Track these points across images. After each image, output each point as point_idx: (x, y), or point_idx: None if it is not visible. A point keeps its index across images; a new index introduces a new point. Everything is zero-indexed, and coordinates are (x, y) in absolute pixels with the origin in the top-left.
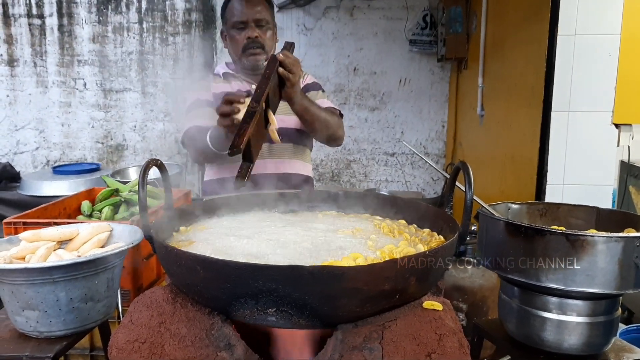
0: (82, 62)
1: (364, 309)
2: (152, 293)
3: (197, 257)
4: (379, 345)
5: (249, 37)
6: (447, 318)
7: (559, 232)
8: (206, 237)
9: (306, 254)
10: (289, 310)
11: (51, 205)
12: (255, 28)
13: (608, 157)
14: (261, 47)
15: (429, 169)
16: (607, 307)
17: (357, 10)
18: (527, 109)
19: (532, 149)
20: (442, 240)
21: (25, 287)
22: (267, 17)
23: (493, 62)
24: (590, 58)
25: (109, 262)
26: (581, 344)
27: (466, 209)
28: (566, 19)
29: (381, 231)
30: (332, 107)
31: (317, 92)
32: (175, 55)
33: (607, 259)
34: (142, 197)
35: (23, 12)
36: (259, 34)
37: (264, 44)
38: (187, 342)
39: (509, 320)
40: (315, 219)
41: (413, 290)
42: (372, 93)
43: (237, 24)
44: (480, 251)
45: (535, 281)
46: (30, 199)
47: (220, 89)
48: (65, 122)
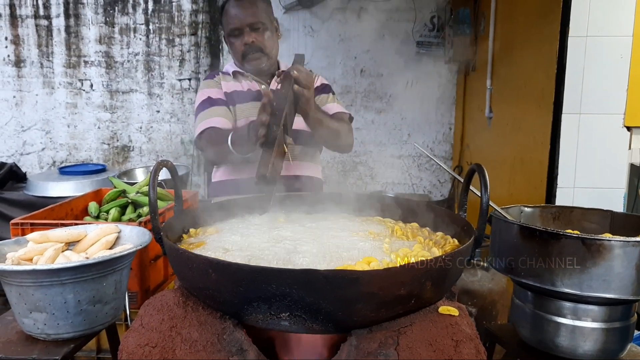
0: (88, 63)
1: (379, 314)
2: (162, 296)
3: (209, 260)
4: (394, 351)
5: (245, 43)
6: (464, 324)
7: (575, 236)
8: (216, 240)
9: (320, 257)
10: (303, 315)
11: (58, 206)
12: (251, 33)
13: (619, 160)
14: (260, 50)
15: (436, 171)
16: (623, 313)
17: (364, 11)
18: (537, 111)
19: (542, 151)
20: (457, 244)
21: (33, 288)
22: (263, 18)
23: (502, 64)
24: (602, 60)
25: (118, 264)
26: (596, 350)
27: (482, 213)
28: (577, 20)
29: (395, 234)
30: (342, 111)
31: (327, 96)
32: (182, 56)
33: (624, 263)
34: (153, 199)
35: (30, 13)
36: (255, 38)
37: (262, 47)
38: (198, 347)
39: (522, 325)
40: (326, 221)
41: (429, 295)
42: (378, 95)
43: (233, 31)
44: (494, 255)
45: (549, 286)
46: (36, 200)
47: (232, 88)
48: (72, 123)
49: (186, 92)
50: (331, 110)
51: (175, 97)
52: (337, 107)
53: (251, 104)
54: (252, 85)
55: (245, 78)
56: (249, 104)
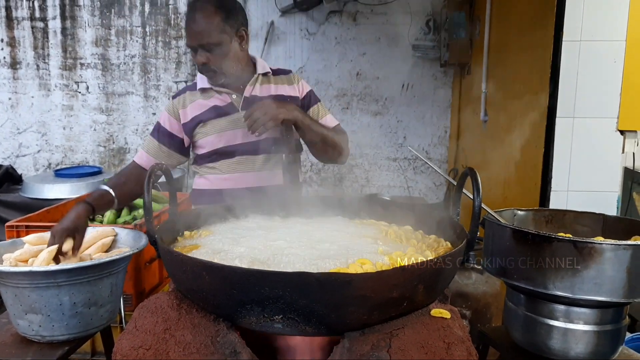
0: (84, 65)
1: (371, 316)
2: (156, 299)
3: (203, 263)
4: (387, 353)
5: (198, 62)
6: (455, 326)
7: (567, 239)
8: (211, 242)
9: (313, 260)
10: (296, 318)
11: (53, 208)
12: (204, 53)
13: (613, 163)
14: (213, 70)
15: (431, 175)
16: (614, 316)
17: (360, 15)
18: (531, 115)
19: (536, 154)
20: (450, 247)
21: (29, 290)
22: (215, 37)
23: (496, 68)
24: (596, 64)
25: (114, 267)
26: (588, 352)
27: (474, 216)
28: (571, 24)
29: (388, 238)
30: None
31: (317, 107)
32: (178, 58)
33: (615, 266)
34: (148, 202)
35: (26, 15)
36: (206, 59)
37: (215, 67)
38: (192, 349)
39: (514, 328)
40: (321, 224)
41: (421, 298)
42: (374, 98)
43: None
44: (487, 258)
45: (542, 289)
46: (32, 202)
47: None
48: (68, 125)
49: None
50: (329, 122)
51: None
52: (331, 119)
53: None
54: (221, 98)
55: (215, 92)
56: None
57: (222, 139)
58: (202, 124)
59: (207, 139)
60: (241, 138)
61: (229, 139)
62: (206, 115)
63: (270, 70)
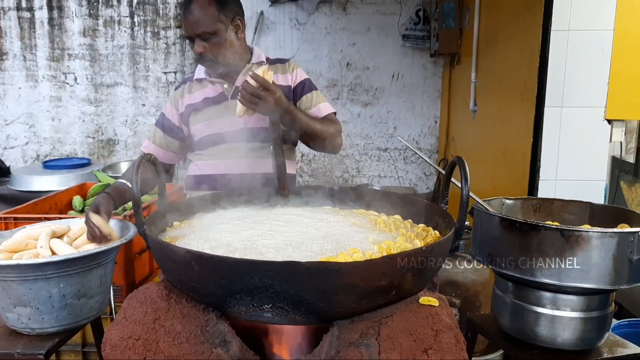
0: (72, 56)
1: (360, 304)
2: (146, 289)
3: (192, 253)
4: (376, 341)
5: (196, 52)
6: (443, 314)
7: (554, 227)
8: (200, 232)
9: (302, 249)
10: (285, 307)
11: (42, 200)
12: (200, 43)
13: (600, 152)
14: (211, 60)
15: (422, 164)
16: (600, 303)
17: (350, 5)
18: (520, 105)
19: (525, 144)
20: (438, 235)
21: (17, 283)
22: (211, 26)
23: (486, 58)
24: (584, 53)
25: (102, 258)
26: (575, 338)
27: (462, 205)
28: (560, 14)
29: (377, 227)
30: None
31: (311, 95)
32: (167, 49)
33: (601, 254)
34: (136, 193)
35: (12, 5)
36: (204, 48)
37: (212, 56)
38: (182, 339)
39: (502, 315)
40: (310, 214)
41: (409, 286)
42: (364, 88)
43: (187, 38)
44: (475, 246)
45: (529, 276)
46: (20, 194)
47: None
48: (56, 117)
49: (172, 85)
50: (322, 111)
51: (160, 90)
52: (325, 107)
53: (213, 107)
54: (215, 89)
55: (210, 83)
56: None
57: (212, 126)
58: (195, 112)
59: (197, 127)
60: (229, 126)
61: (219, 126)
62: (199, 104)
63: (265, 60)
